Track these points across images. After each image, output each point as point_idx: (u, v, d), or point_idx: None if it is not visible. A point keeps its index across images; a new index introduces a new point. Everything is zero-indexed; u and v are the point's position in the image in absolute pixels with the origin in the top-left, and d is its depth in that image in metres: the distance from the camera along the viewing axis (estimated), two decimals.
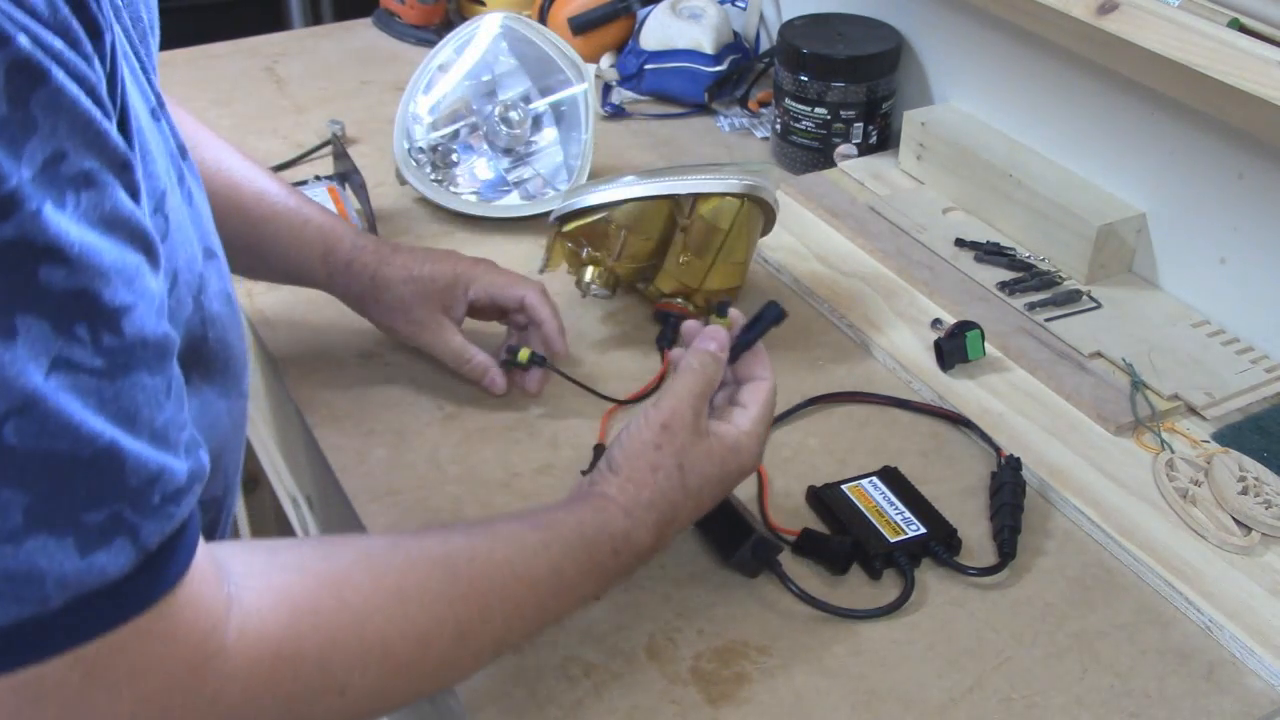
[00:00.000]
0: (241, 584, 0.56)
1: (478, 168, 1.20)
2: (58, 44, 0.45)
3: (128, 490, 0.48)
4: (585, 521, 0.68)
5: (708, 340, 0.75)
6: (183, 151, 0.69)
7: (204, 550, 0.54)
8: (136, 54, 0.61)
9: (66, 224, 0.45)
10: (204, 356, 0.66)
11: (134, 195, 0.49)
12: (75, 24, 0.46)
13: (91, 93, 0.46)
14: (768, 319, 0.78)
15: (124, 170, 0.48)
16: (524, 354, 0.91)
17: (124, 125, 0.51)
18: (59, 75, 0.44)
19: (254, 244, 0.91)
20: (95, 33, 0.48)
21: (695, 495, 0.72)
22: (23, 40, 0.43)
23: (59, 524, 0.46)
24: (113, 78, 0.50)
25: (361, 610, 0.58)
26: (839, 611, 0.75)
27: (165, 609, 0.51)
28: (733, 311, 0.79)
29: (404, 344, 0.95)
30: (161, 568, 0.50)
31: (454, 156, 1.19)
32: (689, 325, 0.79)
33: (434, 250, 0.94)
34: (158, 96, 0.64)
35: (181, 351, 0.54)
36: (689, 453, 0.71)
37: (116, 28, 0.58)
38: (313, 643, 0.56)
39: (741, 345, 0.77)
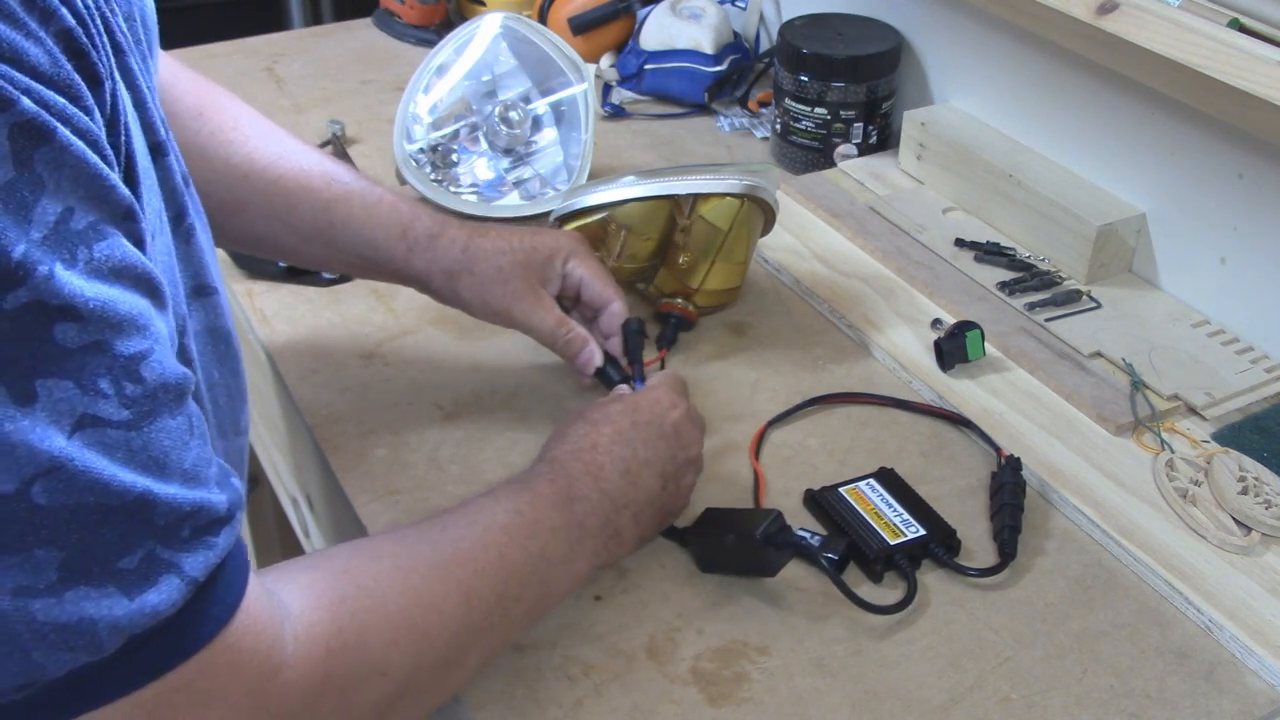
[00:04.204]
0: (276, 589, 0.56)
1: (478, 168, 1.20)
2: (60, 101, 0.45)
3: (155, 529, 0.48)
4: (514, 478, 0.74)
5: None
6: (186, 181, 0.68)
7: (252, 571, 0.55)
8: (134, 83, 0.60)
9: (78, 281, 0.45)
10: (195, 398, 0.66)
11: (139, 242, 0.50)
12: (77, 78, 0.46)
13: (95, 145, 0.46)
14: (630, 334, 0.89)
15: (128, 219, 0.49)
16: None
17: (129, 172, 0.51)
18: (63, 133, 0.44)
19: (326, 227, 0.87)
20: (96, 82, 0.48)
21: (605, 422, 0.76)
22: (26, 103, 0.43)
23: (96, 575, 0.46)
24: (114, 125, 0.50)
25: (377, 591, 0.60)
26: (859, 600, 0.74)
27: (225, 640, 0.51)
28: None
29: (491, 320, 0.89)
30: (214, 600, 0.51)
31: (454, 156, 1.19)
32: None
33: (525, 226, 0.92)
34: (162, 122, 0.64)
35: None
36: (587, 408, 0.79)
37: (122, 61, 0.57)
38: (353, 631, 0.58)
39: (636, 368, 0.87)
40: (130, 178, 0.51)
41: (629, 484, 0.75)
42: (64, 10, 0.46)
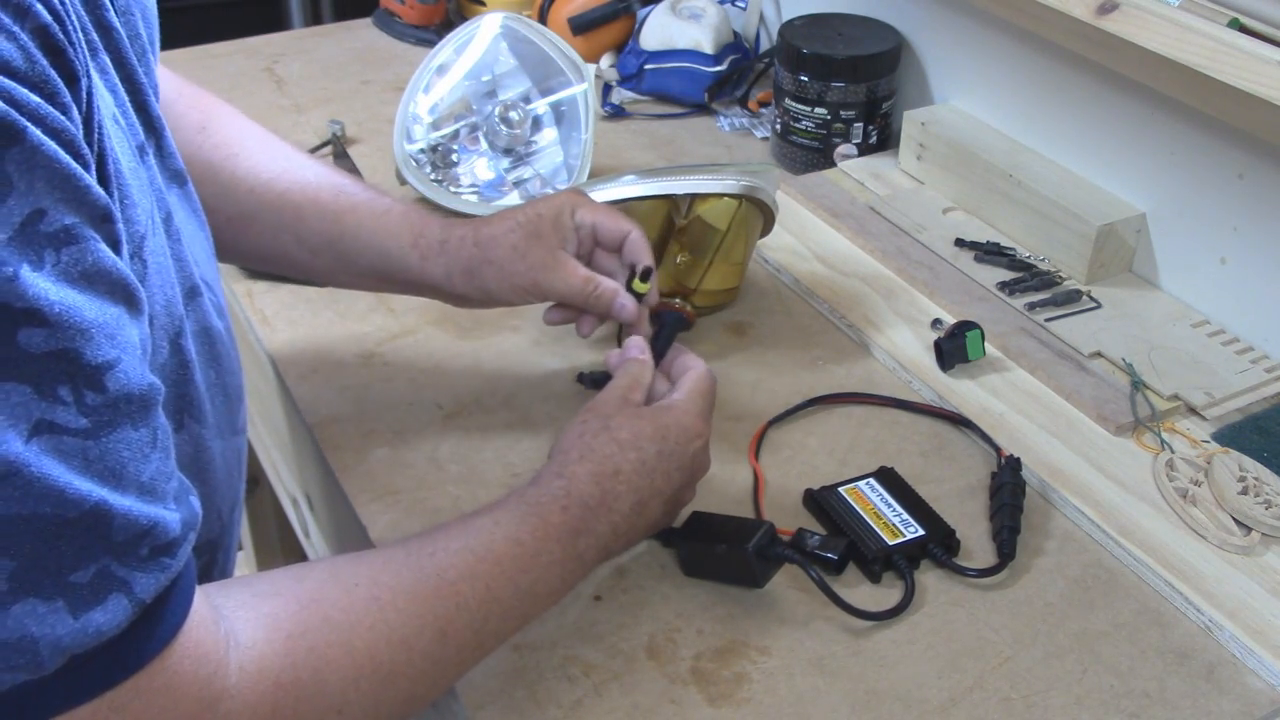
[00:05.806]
0: (233, 617, 0.55)
1: (478, 168, 1.20)
2: (33, 99, 0.44)
3: (113, 545, 0.47)
4: (525, 493, 0.70)
5: (629, 350, 0.82)
6: (180, 179, 0.67)
7: (199, 593, 0.53)
8: (132, 77, 0.60)
9: (45, 284, 0.44)
10: (192, 399, 0.65)
11: (115, 246, 0.48)
12: (53, 74, 0.45)
13: (69, 146, 0.45)
14: (669, 326, 0.88)
15: (105, 222, 0.48)
16: (642, 286, 0.87)
17: (102, 171, 0.50)
18: (35, 133, 0.43)
19: (336, 239, 0.85)
20: (72, 79, 0.47)
21: (632, 447, 0.73)
22: None
23: (46, 588, 0.45)
24: (89, 123, 0.49)
25: (344, 625, 0.58)
26: (852, 609, 0.74)
27: (164, 662, 0.50)
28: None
29: (520, 301, 0.87)
30: (159, 621, 0.50)
31: (454, 156, 1.19)
32: (611, 355, 0.84)
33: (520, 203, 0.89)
34: (155, 121, 0.63)
35: (166, 397, 0.53)
36: (615, 416, 0.75)
37: (106, 57, 0.56)
38: (308, 667, 0.56)
39: (657, 356, 0.84)
40: (104, 176, 0.50)
41: (636, 515, 0.73)
42: (40, 7, 0.45)
